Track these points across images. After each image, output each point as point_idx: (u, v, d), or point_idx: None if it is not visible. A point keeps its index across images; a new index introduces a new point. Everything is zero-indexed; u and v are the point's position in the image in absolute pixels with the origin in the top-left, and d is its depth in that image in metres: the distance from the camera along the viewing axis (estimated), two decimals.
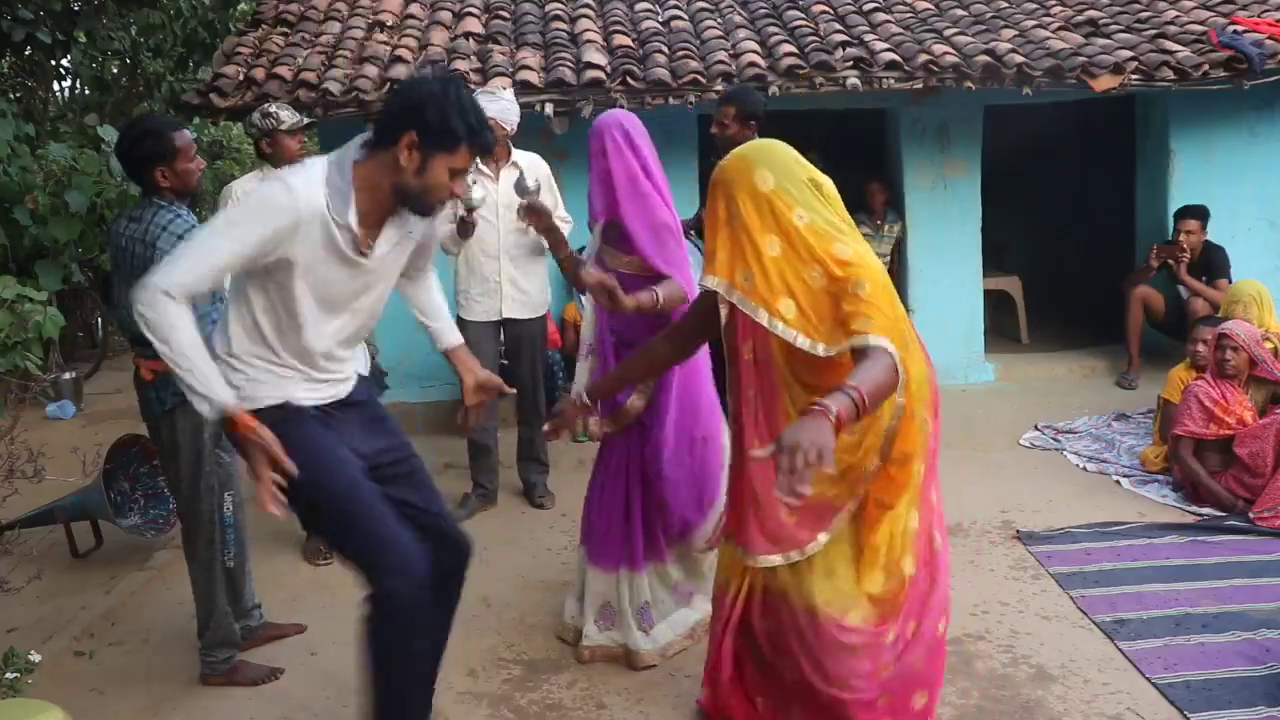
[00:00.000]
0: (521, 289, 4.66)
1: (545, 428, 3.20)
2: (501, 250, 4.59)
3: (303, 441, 2.34)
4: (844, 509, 2.47)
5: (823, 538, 2.47)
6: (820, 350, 2.33)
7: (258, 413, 2.32)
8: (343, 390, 2.56)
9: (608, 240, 3.38)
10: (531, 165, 4.68)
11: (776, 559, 2.50)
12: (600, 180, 3.32)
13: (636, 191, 3.26)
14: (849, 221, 2.48)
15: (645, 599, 3.37)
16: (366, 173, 2.28)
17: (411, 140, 2.21)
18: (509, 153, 4.63)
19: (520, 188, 4.18)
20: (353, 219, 2.27)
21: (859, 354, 2.24)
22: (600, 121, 3.36)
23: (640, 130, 3.35)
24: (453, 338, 2.85)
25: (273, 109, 4.20)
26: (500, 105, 4.52)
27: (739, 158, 2.48)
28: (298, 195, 2.23)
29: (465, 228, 4.40)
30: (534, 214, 4.02)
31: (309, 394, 2.46)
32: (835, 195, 2.50)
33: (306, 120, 4.35)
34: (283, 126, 4.16)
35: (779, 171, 2.41)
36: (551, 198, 4.68)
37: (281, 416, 2.37)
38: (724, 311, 2.52)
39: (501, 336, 4.79)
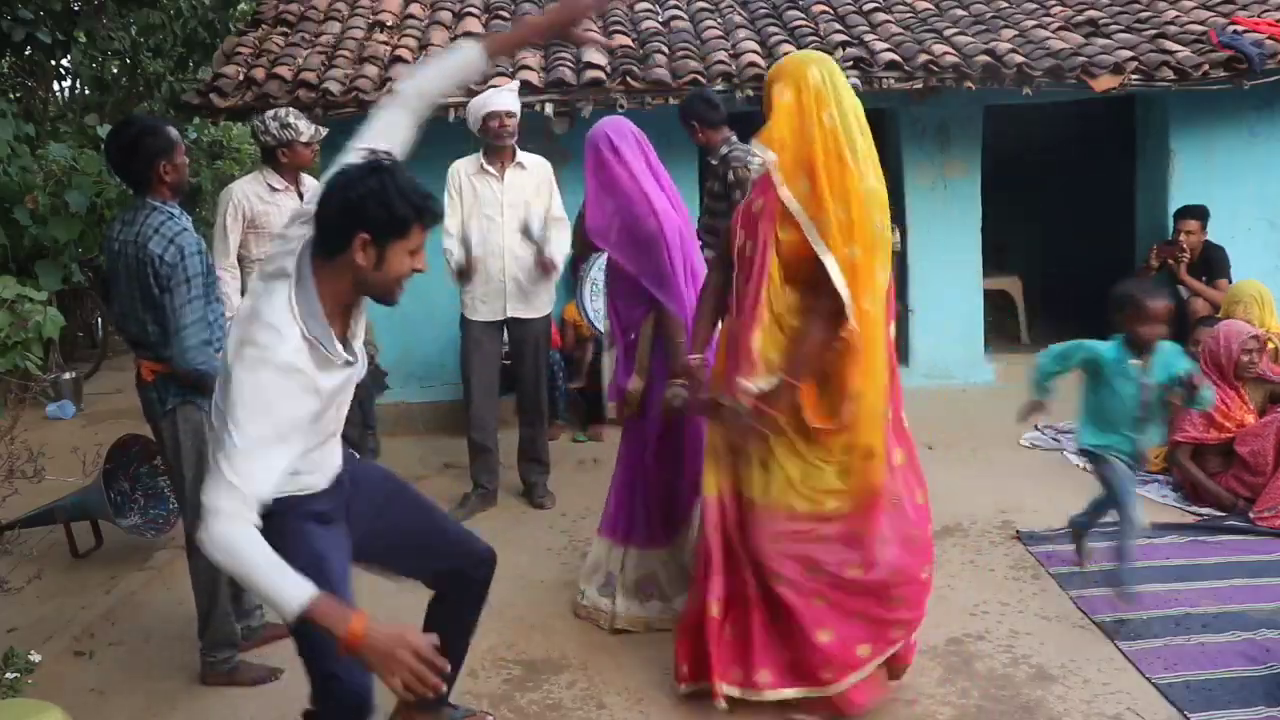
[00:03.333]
0: (525, 289, 4.67)
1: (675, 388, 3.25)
2: (505, 250, 4.60)
3: (293, 538, 2.23)
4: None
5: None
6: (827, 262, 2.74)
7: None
8: (331, 472, 2.44)
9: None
10: (535, 165, 4.70)
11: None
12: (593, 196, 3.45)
13: (619, 205, 3.36)
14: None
15: (644, 573, 3.51)
16: (326, 280, 2.20)
17: (364, 240, 2.15)
18: (514, 153, 4.64)
19: (526, 233, 4.54)
20: (330, 333, 2.20)
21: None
22: (588, 136, 3.44)
23: (627, 135, 3.41)
24: None
25: (290, 119, 4.19)
26: (510, 96, 4.61)
27: (829, 79, 3.00)
28: (288, 341, 2.13)
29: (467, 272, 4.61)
30: (546, 271, 4.63)
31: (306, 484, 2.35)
32: None
33: (325, 131, 4.34)
34: (301, 139, 4.18)
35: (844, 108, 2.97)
36: (548, 199, 4.71)
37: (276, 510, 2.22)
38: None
39: (505, 336, 4.80)
